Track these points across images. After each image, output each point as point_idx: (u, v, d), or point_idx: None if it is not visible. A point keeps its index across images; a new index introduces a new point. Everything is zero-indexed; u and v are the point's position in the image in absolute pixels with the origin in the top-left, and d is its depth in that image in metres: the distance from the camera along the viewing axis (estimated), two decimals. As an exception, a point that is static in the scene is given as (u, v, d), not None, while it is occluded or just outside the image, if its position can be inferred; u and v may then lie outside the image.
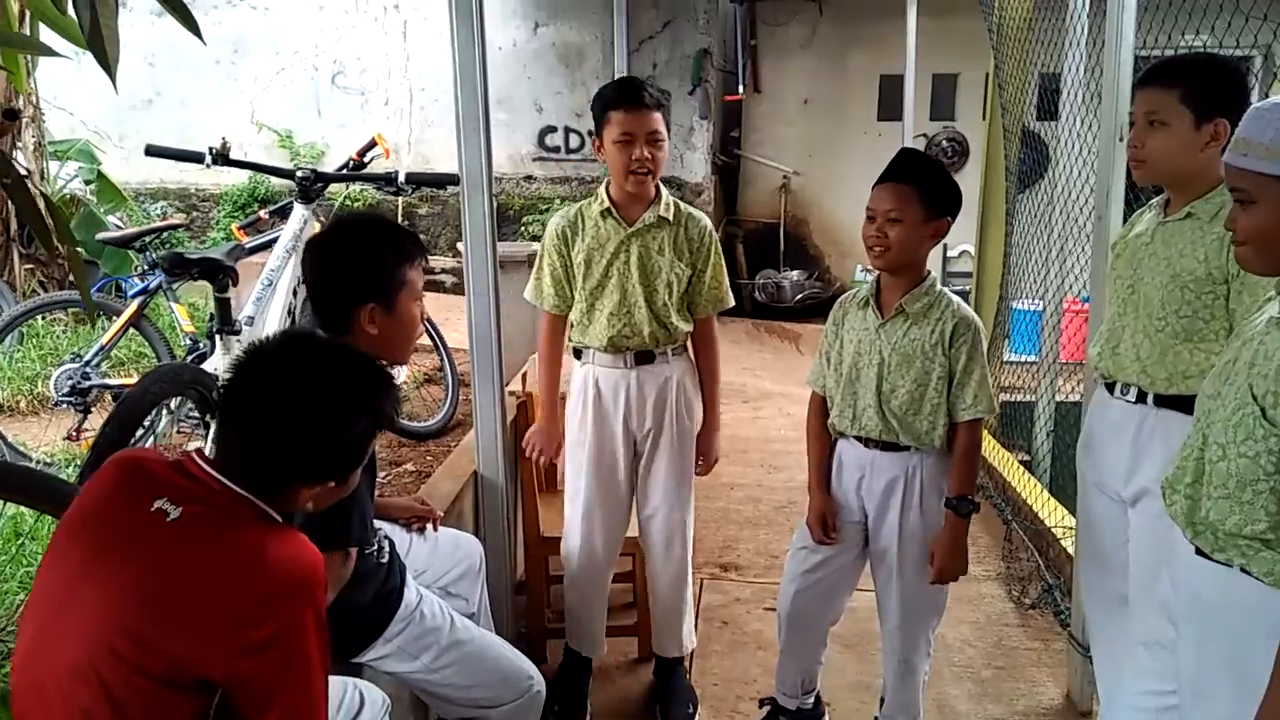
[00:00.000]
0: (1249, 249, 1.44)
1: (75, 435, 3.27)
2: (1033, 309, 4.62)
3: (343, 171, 3.80)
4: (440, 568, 2.23)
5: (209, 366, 3.15)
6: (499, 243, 2.46)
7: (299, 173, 3.47)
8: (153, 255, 3.44)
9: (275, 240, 3.44)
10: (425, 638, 1.91)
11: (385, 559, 1.90)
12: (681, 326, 2.51)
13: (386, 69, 7.72)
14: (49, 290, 4.81)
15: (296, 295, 3.33)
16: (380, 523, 2.01)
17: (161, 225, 3.87)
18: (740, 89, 8.18)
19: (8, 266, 4.77)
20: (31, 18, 2.23)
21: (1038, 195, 4.57)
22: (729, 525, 3.89)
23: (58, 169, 5.33)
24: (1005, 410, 4.51)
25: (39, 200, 4.16)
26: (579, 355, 2.58)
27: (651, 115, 2.36)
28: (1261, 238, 1.41)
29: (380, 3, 7.64)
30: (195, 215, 7.85)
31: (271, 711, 1.28)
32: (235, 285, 3.30)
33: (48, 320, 4.41)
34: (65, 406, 3.30)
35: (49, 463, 3.26)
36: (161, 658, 1.23)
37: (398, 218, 7.37)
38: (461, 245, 2.47)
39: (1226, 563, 1.45)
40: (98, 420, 2.89)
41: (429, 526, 2.26)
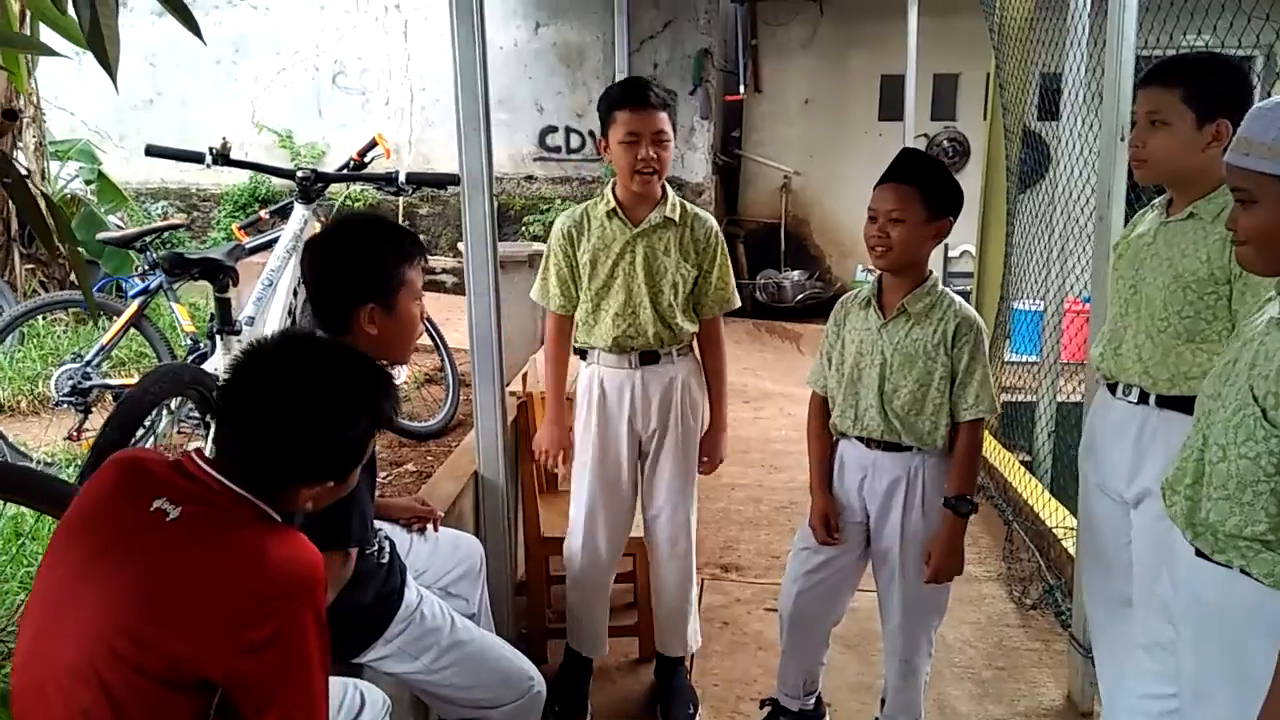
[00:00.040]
0: (1250, 249, 1.44)
1: (76, 435, 3.27)
2: (1034, 309, 4.62)
3: (343, 171, 3.80)
4: (440, 568, 2.23)
5: (209, 367, 3.15)
6: (499, 243, 2.46)
7: (299, 173, 3.47)
8: (153, 255, 3.43)
9: (276, 240, 3.44)
10: (426, 638, 1.91)
11: (386, 559, 1.90)
12: (686, 327, 2.50)
13: (387, 69, 7.72)
14: (50, 290, 4.81)
15: (297, 295, 3.33)
16: (381, 523, 2.01)
17: (162, 225, 3.87)
18: (741, 89, 8.18)
19: (9, 266, 4.77)
20: (32, 18, 2.23)
21: (1039, 195, 4.57)
22: (730, 526, 3.89)
23: (58, 169, 5.33)
24: (1006, 410, 4.51)
25: (40, 200, 4.15)
26: (584, 355, 2.58)
27: (657, 115, 2.35)
28: (1262, 237, 1.41)
29: (381, 2, 7.64)
30: (196, 215, 7.85)
31: (271, 712, 1.28)
32: (236, 285, 3.30)
33: (48, 320, 4.41)
34: (66, 406, 3.30)
35: (49, 463, 3.26)
36: (161, 657, 1.23)
37: (398, 218, 7.37)
38: (462, 245, 2.46)
39: (1226, 564, 1.45)
40: (98, 420, 2.89)
41: (429, 527, 2.26)
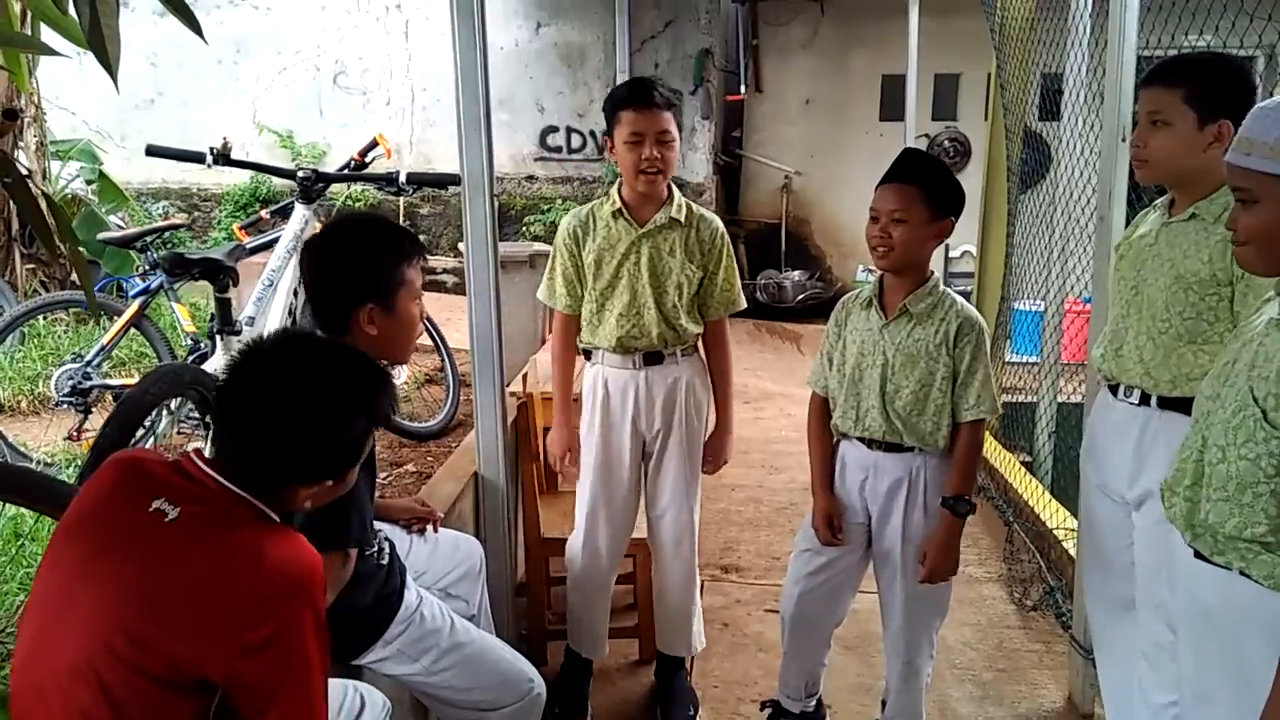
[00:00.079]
0: (1250, 249, 1.44)
1: (76, 435, 3.26)
2: (1034, 310, 4.62)
3: (344, 171, 3.80)
4: (440, 569, 2.22)
5: (210, 367, 3.15)
6: (500, 243, 2.46)
7: (300, 173, 3.47)
8: (154, 255, 3.43)
9: (276, 240, 3.44)
10: (425, 640, 1.90)
11: (385, 560, 1.89)
12: (691, 328, 2.50)
13: (388, 69, 7.72)
14: (50, 290, 4.81)
15: (297, 296, 3.33)
16: (380, 524, 2.01)
17: (163, 225, 3.87)
18: (742, 89, 8.17)
19: (9, 266, 4.77)
20: (33, 17, 2.22)
21: (1039, 195, 4.57)
22: (730, 527, 3.88)
23: (59, 169, 5.33)
24: (1007, 411, 4.50)
25: (41, 200, 4.15)
26: (589, 355, 2.57)
27: (662, 115, 2.35)
28: (1262, 238, 1.40)
29: (382, 3, 7.63)
30: (197, 215, 7.85)
31: (271, 713, 1.27)
32: (236, 285, 3.30)
33: (49, 320, 4.41)
34: (66, 407, 3.30)
35: (49, 463, 3.25)
36: (160, 658, 1.23)
37: (399, 218, 7.37)
38: (463, 245, 2.46)
39: (1226, 566, 1.44)
40: (99, 420, 2.88)
41: (429, 528, 2.25)
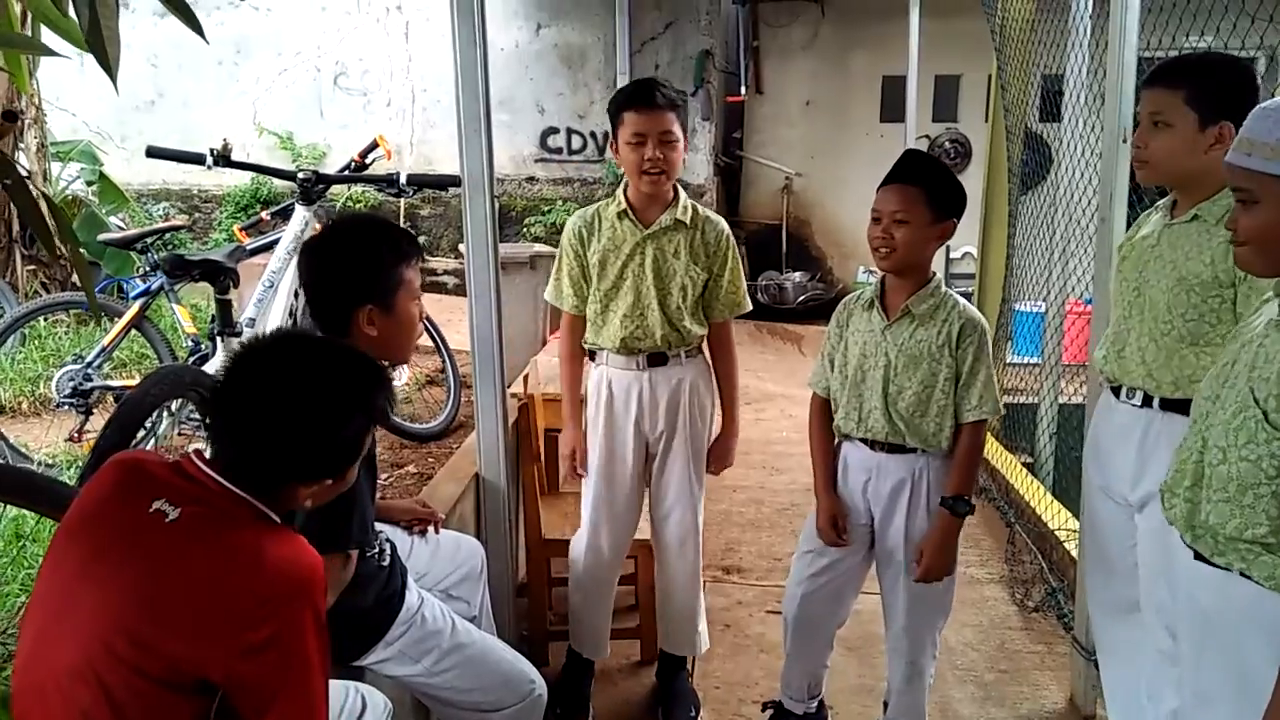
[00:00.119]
0: (1249, 249, 1.43)
1: (77, 437, 3.26)
2: (1035, 311, 4.62)
3: (344, 173, 3.80)
4: (441, 570, 2.22)
5: (211, 368, 3.15)
6: (501, 244, 2.46)
7: (300, 174, 3.47)
8: (154, 256, 3.42)
9: (277, 242, 3.44)
10: (426, 641, 1.90)
11: (386, 562, 1.89)
12: (695, 330, 2.50)
13: (389, 70, 7.72)
14: (51, 291, 4.81)
15: (298, 297, 3.32)
16: (381, 525, 2.00)
17: (163, 226, 3.86)
18: (742, 90, 8.17)
19: (10, 268, 4.77)
20: (33, 19, 2.22)
21: (1040, 197, 4.57)
22: (731, 528, 3.88)
23: (60, 170, 5.32)
24: (1008, 412, 4.50)
25: (41, 201, 4.15)
26: (593, 356, 2.57)
27: (664, 115, 2.34)
28: (1262, 238, 1.40)
29: (382, 4, 7.64)
30: (197, 216, 7.85)
31: (271, 714, 1.27)
32: (236, 287, 3.30)
33: (50, 321, 4.41)
34: (67, 408, 3.29)
35: (50, 464, 3.25)
36: (160, 659, 1.23)
37: (400, 219, 7.37)
38: (463, 247, 2.46)
39: (1226, 567, 1.44)
40: (99, 422, 2.88)
41: (430, 529, 2.25)
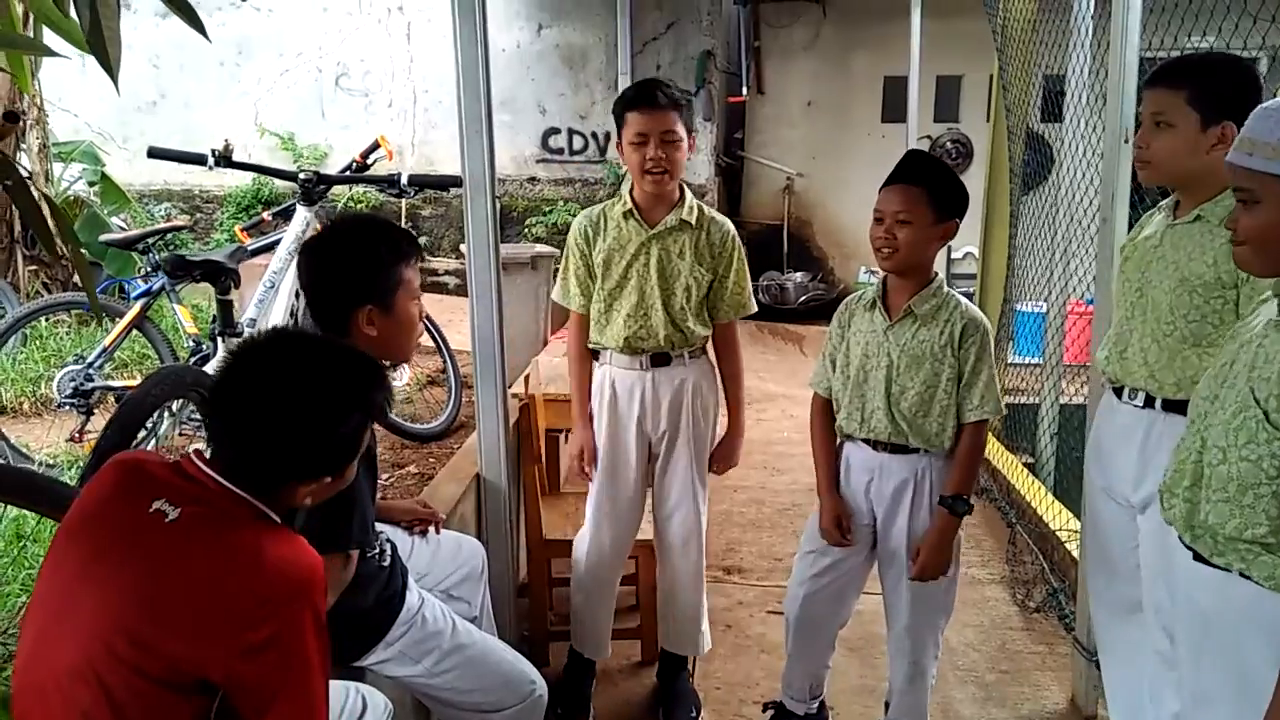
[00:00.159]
0: (1248, 249, 1.43)
1: (78, 437, 3.26)
2: (1037, 311, 4.61)
3: (346, 173, 3.80)
4: (442, 571, 2.22)
5: (211, 369, 3.15)
6: (502, 244, 2.46)
7: (302, 175, 3.47)
8: (156, 257, 3.43)
9: (278, 242, 3.44)
10: (427, 642, 1.90)
11: (387, 562, 1.89)
12: (699, 331, 2.49)
13: (390, 71, 7.72)
14: (52, 292, 4.81)
15: (299, 297, 3.32)
16: (382, 525, 2.00)
17: (165, 227, 3.86)
18: (744, 90, 8.17)
19: (11, 268, 4.77)
20: (34, 20, 2.22)
21: (1042, 197, 4.57)
22: (732, 528, 3.88)
23: (62, 170, 5.33)
24: (1009, 412, 4.50)
25: (43, 202, 4.15)
26: (596, 356, 2.57)
27: (667, 115, 2.34)
28: (1262, 238, 1.40)
29: (384, 4, 7.64)
30: (199, 217, 7.85)
31: (271, 714, 1.27)
32: (238, 287, 3.31)
33: (51, 322, 4.41)
34: (68, 408, 3.30)
35: (51, 465, 3.25)
36: (160, 659, 1.23)
37: (401, 220, 7.37)
38: (464, 247, 2.46)
39: (1225, 567, 1.44)
40: (100, 422, 2.89)
41: (431, 529, 2.25)
